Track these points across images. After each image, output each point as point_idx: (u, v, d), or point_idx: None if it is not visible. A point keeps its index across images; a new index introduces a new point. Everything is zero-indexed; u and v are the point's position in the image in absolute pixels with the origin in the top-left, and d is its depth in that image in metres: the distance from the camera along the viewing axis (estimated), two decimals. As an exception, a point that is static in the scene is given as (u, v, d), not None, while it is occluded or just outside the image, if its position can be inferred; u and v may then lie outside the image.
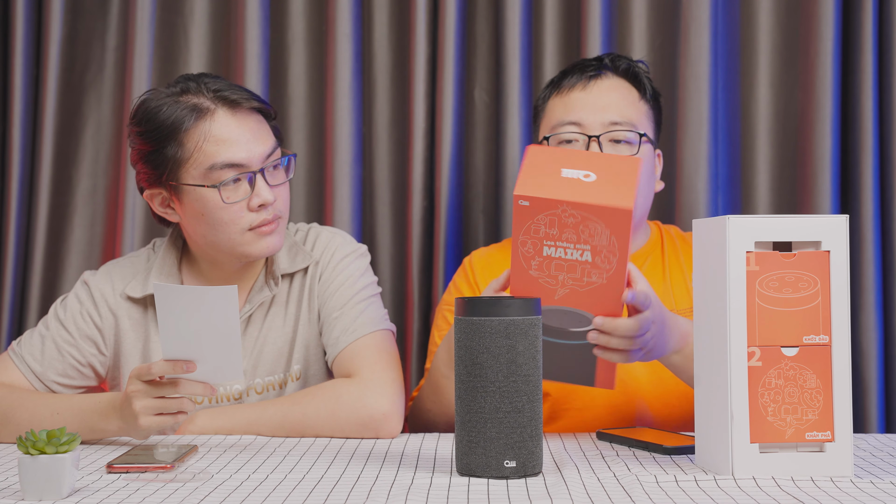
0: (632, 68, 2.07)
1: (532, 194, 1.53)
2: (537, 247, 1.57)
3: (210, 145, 1.82)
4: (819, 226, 1.46)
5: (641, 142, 2.01)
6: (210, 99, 1.84)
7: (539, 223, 1.55)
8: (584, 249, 1.57)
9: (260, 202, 1.84)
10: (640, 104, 2.05)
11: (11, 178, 2.45)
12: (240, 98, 1.85)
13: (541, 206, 1.54)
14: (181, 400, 1.66)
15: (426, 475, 1.49)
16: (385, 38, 2.51)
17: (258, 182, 1.84)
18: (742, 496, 1.36)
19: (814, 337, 1.45)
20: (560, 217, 1.54)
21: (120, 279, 1.95)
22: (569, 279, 1.60)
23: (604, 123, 2.00)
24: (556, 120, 2.05)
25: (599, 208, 1.53)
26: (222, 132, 1.83)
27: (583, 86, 2.04)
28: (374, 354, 1.86)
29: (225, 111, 1.84)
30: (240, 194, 1.84)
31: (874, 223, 2.37)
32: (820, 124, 2.39)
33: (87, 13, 2.51)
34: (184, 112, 1.82)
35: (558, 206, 1.53)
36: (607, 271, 1.58)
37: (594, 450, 1.67)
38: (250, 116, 1.86)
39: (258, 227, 1.85)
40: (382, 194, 2.51)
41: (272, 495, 1.38)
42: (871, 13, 2.37)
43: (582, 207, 1.53)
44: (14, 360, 1.90)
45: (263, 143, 1.86)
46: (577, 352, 1.67)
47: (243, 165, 1.83)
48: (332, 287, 1.94)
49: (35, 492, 1.35)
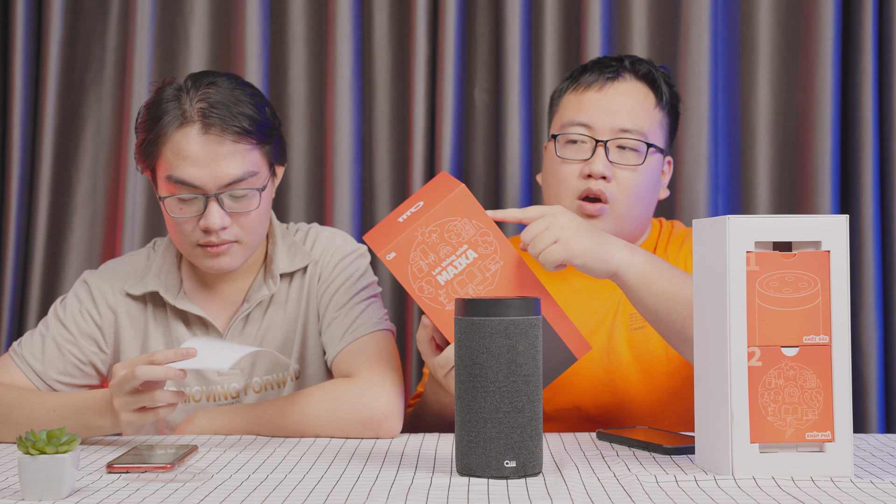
0: (651, 73, 2.05)
1: (392, 242, 1.67)
2: (432, 282, 1.68)
3: (174, 157, 1.82)
4: (819, 226, 1.46)
5: (648, 152, 2.01)
6: (195, 111, 1.82)
7: (416, 261, 1.67)
8: (464, 251, 1.68)
9: (205, 226, 1.83)
10: (655, 111, 2.04)
11: (11, 178, 2.45)
12: (220, 120, 1.81)
13: (404, 245, 1.67)
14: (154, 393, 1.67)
15: (426, 475, 1.49)
16: (385, 38, 2.51)
17: (210, 206, 1.83)
18: (742, 496, 1.36)
19: (814, 337, 1.45)
20: (425, 241, 1.66)
21: (119, 277, 1.95)
22: (477, 285, 1.69)
23: (613, 129, 2.00)
24: (566, 118, 2.04)
25: (443, 206, 1.67)
26: (187, 149, 1.81)
27: (599, 86, 2.03)
28: (373, 354, 1.86)
29: (199, 129, 1.82)
30: (192, 210, 1.83)
31: (874, 223, 2.37)
32: (820, 124, 2.39)
33: (87, 13, 2.51)
34: (171, 116, 1.83)
35: (416, 232, 1.67)
36: (496, 252, 1.68)
37: (594, 450, 1.67)
38: (224, 140, 1.82)
39: (203, 246, 1.86)
40: (382, 194, 2.51)
41: (272, 495, 1.38)
42: (871, 13, 2.37)
43: (431, 217, 1.67)
44: (15, 359, 1.90)
45: (229, 169, 1.82)
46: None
47: (197, 187, 1.82)
48: (331, 287, 1.94)
49: (35, 492, 1.35)
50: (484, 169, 2.50)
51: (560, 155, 2.03)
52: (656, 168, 2.04)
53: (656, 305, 1.73)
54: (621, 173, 2.00)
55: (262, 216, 1.89)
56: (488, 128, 2.50)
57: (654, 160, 2.03)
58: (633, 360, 1.99)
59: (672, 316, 1.73)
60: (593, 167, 1.99)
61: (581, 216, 1.99)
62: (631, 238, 2.06)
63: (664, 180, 2.10)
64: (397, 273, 1.67)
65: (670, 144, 2.11)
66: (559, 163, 2.03)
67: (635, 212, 2.02)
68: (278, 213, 2.44)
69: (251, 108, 1.85)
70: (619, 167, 2.00)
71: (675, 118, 2.10)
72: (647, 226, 2.10)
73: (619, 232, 2.02)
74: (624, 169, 2.00)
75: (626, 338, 2.00)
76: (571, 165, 2.02)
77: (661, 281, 1.72)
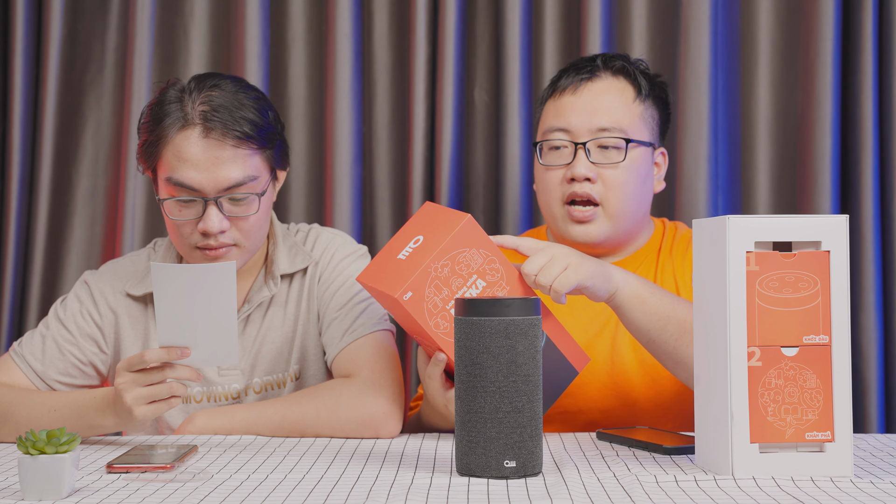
0: (625, 67, 2.05)
1: (407, 282, 1.64)
2: (447, 317, 1.67)
3: (174, 159, 1.82)
4: (819, 226, 1.46)
5: (629, 147, 2.01)
6: (196, 114, 1.82)
7: (431, 297, 1.66)
8: (473, 281, 1.68)
9: (203, 229, 1.83)
10: (635, 105, 2.03)
11: (11, 178, 2.45)
12: (222, 124, 1.81)
13: (419, 283, 1.65)
14: (171, 384, 1.66)
15: (426, 475, 1.49)
16: (385, 38, 2.51)
17: (208, 210, 1.83)
18: (742, 496, 1.36)
19: (814, 337, 1.45)
20: (438, 277, 1.66)
21: (120, 277, 1.95)
22: None
23: (592, 129, 2.00)
24: (547, 125, 2.05)
25: (453, 240, 1.66)
26: (188, 151, 1.81)
27: (573, 89, 2.03)
28: (373, 354, 1.86)
29: (199, 132, 1.82)
30: (191, 213, 1.84)
31: (874, 223, 2.37)
32: (820, 124, 2.39)
33: (87, 13, 2.51)
34: (173, 118, 1.83)
35: (430, 268, 1.65)
36: (502, 279, 1.69)
37: (594, 450, 1.67)
38: (224, 144, 1.82)
39: (201, 248, 1.86)
40: (382, 194, 2.51)
41: (272, 495, 1.38)
42: (871, 13, 2.37)
43: (443, 251, 1.65)
44: (15, 360, 1.90)
45: (229, 172, 1.82)
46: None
47: (196, 190, 1.82)
48: (331, 288, 1.94)
49: (35, 492, 1.35)
50: (484, 169, 2.50)
51: (543, 162, 2.04)
52: (643, 162, 2.04)
53: (649, 325, 1.76)
54: (606, 172, 2.00)
55: (262, 220, 1.88)
56: (488, 128, 2.50)
57: (639, 154, 2.03)
58: (637, 363, 1.99)
59: (664, 336, 1.76)
60: (575, 170, 2.00)
61: (572, 223, 2.01)
62: (631, 236, 2.06)
63: (658, 172, 2.10)
64: (414, 311, 1.65)
65: (663, 135, 2.10)
66: (544, 170, 2.04)
67: (629, 209, 2.02)
68: (278, 214, 2.44)
69: (254, 113, 1.84)
70: (602, 167, 2.00)
71: (663, 108, 2.09)
72: (645, 222, 2.10)
73: (616, 231, 2.02)
74: (607, 167, 2.00)
75: (630, 341, 2.00)
76: (555, 171, 2.03)
77: (654, 300, 1.76)
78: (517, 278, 1.71)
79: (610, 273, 1.74)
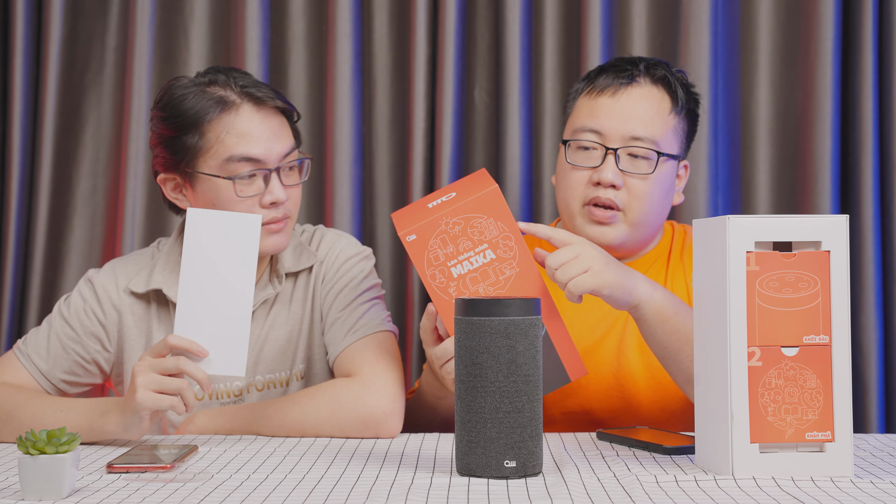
0: (667, 78, 2.03)
1: (415, 224, 1.67)
2: (445, 272, 1.69)
3: (231, 138, 1.85)
4: (819, 226, 1.46)
5: (659, 161, 1.99)
6: (237, 93, 1.87)
7: (434, 248, 1.68)
8: (483, 249, 1.69)
9: (272, 199, 1.86)
10: (669, 117, 2.01)
11: (11, 178, 2.45)
12: (265, 96, 1.88)
13: (426, 230, 1.69)
14: (181, 384, 1.67)
15: (426, 475, 1.49)
16: (385, 38, 2.52)
17: (273, 180, 1.86)
18: (742, 496, 1.36)
19: (814, 337, 1.45)
20: (447, 231, 1.68)
21: (123, 275, 1.95)
22: (488, 286, 1.70)
23: (625, 136, 1.98)
24: (579, 123, 2.03)
25: (473, 201, 1.69)
26: (245, 126, 1.85)
27: (612, 91, 2.01)
28: (374, 354, 1.86)
29: (250, 107, 1.87)
30: (253, 189, 1.86)
31: (874, 223, 2.37)
32: (820, 124, 2.39)
33: (87, 13, 2.51)
34: (209, 103, 1.85)
35: (440, 221, 1.69)
36: (514, 258, 1.70)
37: (594, 450, 1.67)
38: (273, 115, 1.89)
39: (267, 224, 1.86)
40: (382, 194, 2.51)
41: (272, 495, 1.38)
42: (871, 13, 2.37)
43: (459, 210, 1.69)
44: (20, 358, 1.90)
45: (283, 142, 1.88)
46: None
47: (260, 161, 1.85)
48: (335, 288, 1.95)
49: (35, 492, 1.35)
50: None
51: (570, 161, 2.02)
52: (669, 175, 2.02)
53: (667, 343, 1.75)
54: (632, 181, 1.98)
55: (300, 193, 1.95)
56: (488, 128, 2.50)
57: (667, 168, 2.01)
58: (643, 365, 1.99)
59: (680, 356, 1.75)
60: (602, 175, 1.98)
61: (590, 223, 1.99)
62: (642, 243, 2.05)
63: (679, 185, 2.08)
64: (413, 255, 1.69)
65: (687, 148, 2.09)
66: (570, 169, 2.02)
67: (649, 219, 2.01)
68: (278, 213, 2.44)
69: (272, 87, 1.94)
70: (629, 176, 1.98)
71: (692, 122, 2.08)
72: (658, 231, 2.09)
73: (632, 238, 2.01)
74: (634, 178, 1.98)
75: (636, 343, 2.00)
76: (581, 172, 2.01)
77: (677, 319, 1.74)
78: (531, 262, 1.70)
79: (633, 286, 1.71)
